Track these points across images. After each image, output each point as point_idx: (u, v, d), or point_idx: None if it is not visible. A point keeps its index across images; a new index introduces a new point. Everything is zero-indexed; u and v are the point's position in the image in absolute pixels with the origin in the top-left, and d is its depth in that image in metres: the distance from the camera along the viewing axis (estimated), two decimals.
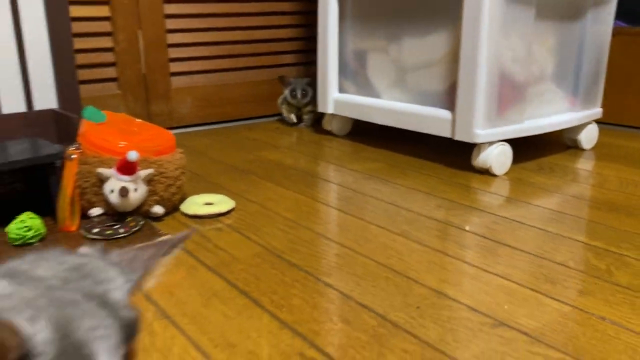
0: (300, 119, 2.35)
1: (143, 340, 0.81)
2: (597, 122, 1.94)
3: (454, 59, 1.64)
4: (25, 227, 1.12)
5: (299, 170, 1.72)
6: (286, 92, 2.29)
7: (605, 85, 1.91)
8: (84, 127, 1.29)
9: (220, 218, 1.32)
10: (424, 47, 1.74)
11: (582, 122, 1.86)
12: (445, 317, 0.89)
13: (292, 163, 1.81)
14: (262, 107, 2.47)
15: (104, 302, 0.30)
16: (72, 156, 1.21)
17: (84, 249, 0.35)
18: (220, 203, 1.37)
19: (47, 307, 0.27)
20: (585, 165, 1.76)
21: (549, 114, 1.77)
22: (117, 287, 0.31)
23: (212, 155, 1.89)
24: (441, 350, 0.80)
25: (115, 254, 0.35)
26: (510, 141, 1.65)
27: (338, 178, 1.66)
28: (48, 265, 0.31)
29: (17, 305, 0.27)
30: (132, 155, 1.16)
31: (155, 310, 0.91)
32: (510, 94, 1.63)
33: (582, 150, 1.92)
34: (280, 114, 2.41)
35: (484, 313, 0.89)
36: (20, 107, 1.53)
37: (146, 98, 2.18)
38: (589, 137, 1.92)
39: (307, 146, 2.04)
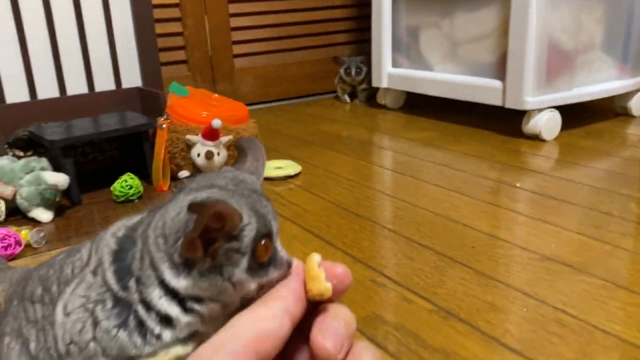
0: (355, 95, 2.47)
1: None
2: None
3: (504, 31, 1.72)
4: (128, 185, 1.30)
5: (357, 140, 1.85)
6: (341, 70, 2.41)
7: None
8: (171, 100, 1.47)
9: (290, 180, 1.47)
10: (475, 21, 1.83)
11: (632, 89, 1.91)
12: (498, 254, 1.01)
13: (350, 134, 1.94)
14: (319, 84, 2.61)
15: (264, 196, 0.40)
16: (163, 126, 1.38)
17: (227, 167, 0.47)
18: (289, 167, 1.52)
19: (239, 198, 0.38)
20: (634, 130, 1.82)
21: (598, 82, 1.83)
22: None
23: (275, 128, 2.05)
24: (495, 279, 0.92)
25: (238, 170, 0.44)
26: (560, 108, 1.73)
27: (394, 146, 1.78)
28: (220, 178, 0.40)
29: (226, 197, 0.38)
30: (217, 122, 1.32)
31: None
32: (559, 62, 1.71)
33: (632, 117, 1.97)
34: (335, 91, 2.54)
35: (532, 251, 1.01)
36: (110, 85, 1.72)
37: (212, 78, 2.35)
38: (639, 104, 1.97)
39: (363, 119, 2.16)
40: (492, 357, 0.72)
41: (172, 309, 0.37)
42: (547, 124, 1.70)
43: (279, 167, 1.53)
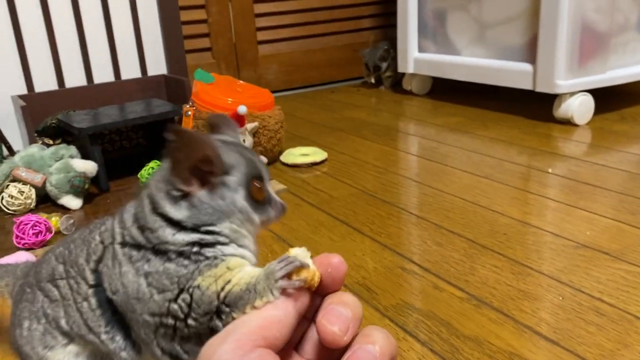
0: (380, 82, 2.44)
1: (266, 256, 0.97)
2: None
3: (534, 12, 1.67)
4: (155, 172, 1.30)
5: (383, 126, 1.83)
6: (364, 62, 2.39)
7: None
8: (196, 87, 1.46)
9: (316, 166, 1.46)
10: (504, 2, 1.78)
11: None
12: (530, 241, 0.98)
13: (376, 120, 1.92)
14: (343, 71, 2.58)
15: (250, 150, 0.46)
16: (189, 113, 1.38)
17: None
18: (315, 154, 1.51)
19: (224, 145, 0.43)
20: None
21: (633, 64, 1.77)
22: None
23: (300, 115, 2.03)
24: (528, 266, 0.90)
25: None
26: (592, 92, 1.68)
27: (421, 132, 1.75)
28: (229, 137, 0.47)
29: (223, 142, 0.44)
30: (242, 109, 1.31)
31: (272, 235, 1.06)
32: (592, 44, 1.65)
33: None
34: (360, 77, 2.51)
35: (567, 238, 0.98)
36: (136, 73, 1.72)
37: (236, 66, 2.34)
38: None
39: (388, 105, 2.14)
40: (527, 347, 0.70)
41: (191, 235, 0.41)
42: (579, 108, 1.66)
43: (305, 153, 1.52)
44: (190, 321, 0.40)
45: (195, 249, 0.42)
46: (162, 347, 0.43)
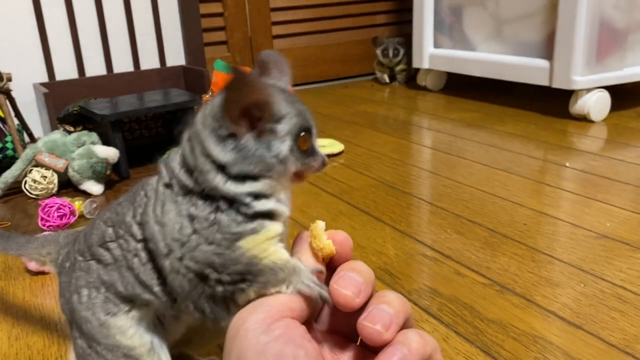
0: (393, 78, 2.45)
1: (289, 242, 0.98)
2: None
3: (552, 8, 1.68)
4: None
5: (398, 120, 1.84)
6: (378, 51, 2.38)
7: None
8: (216, 77, 1.47)
9: (333, 158, 1.47)
10: None
11: None
12: (550, 231, 0.99)
13: (391, 114, 1.92)
14: (357, 66, 2.59)
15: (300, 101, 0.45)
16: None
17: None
18: (332, 145, 1.52)
19: (278, 93, 0.43)
20: None
21: None
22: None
23: (315, 109, 2.04)
24: (549, 254, 0.90)
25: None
26: (609, 88, 1.68)
27: (436, 126, 1.76)
28: (282, 83, 0.46)
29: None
30: None
31: (293, 223, 1.07)
32: (610, 41, 1.65)
33: None
34: (373, 73, 2.52)
35: (587, 228, 0.99)
36: (155, 63, 1.74)
37: (252, 59, 2.36)
38: None
39: (403, 100, 2.14)
40: (551, 330, 0.71)
41: (240, 187, 0.41)
42: (595, 104, 1.66)
43: (322, 145, 1.53)
44: (225, 277, 0.41)
45: (247, 199, 0.41)
46: (195, 302, 0.43)
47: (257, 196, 0.42)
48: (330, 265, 0.41)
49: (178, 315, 0.49)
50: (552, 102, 1.87)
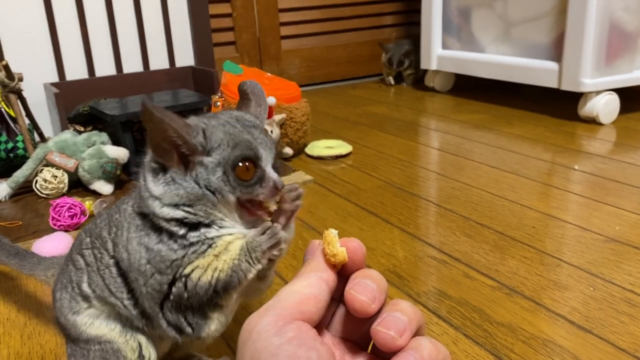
0: (401, 79, 2.45)
1: (296, 243, 0.98)
2: None
3: (561, 10, 1.67)
4: None
5: (406, 122, 1.84)
6: (384, 57, 2.39)
7: None
8: (225, 78, 1.48)
9: (341, 159, 1.47)
10: (531, 1, 1.78)
11: None
12: (559, 234, 0.99)
13: (399, 116, 1.93)
14: (364, 67, 2.59)
15: (261, 130, 0.47)
16: (217, 103, 1.40)
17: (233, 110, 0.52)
18: (340, 147, 1.52)
19: (219, 124, 0.45)
20: None
21: None
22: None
23: (322, 110, 2.05)
24: (558, 258, 0.90)
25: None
26: (618, 91, 1.67)
27: (444, 127, 1.76)
28: (224, 114, 0.48)
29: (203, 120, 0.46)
30: (271, 100, 1.33)
31: (301, 224, 1.07)
32: (619, 43, 1.65)
33: None
34: (380, 74, 2.52)
35: (595, 232, 0.99)
36: (164, 64, 1.75)
37: (259, 60, 2.36)
38: None
39: (411, 102, 2.14)
40: (560, 334, 0.71)
41: (175, 212, 0.44)
42: (604, 107, 1.65)
43: (330, 146, 1.53)
44: (191, 300, 0.45)
45: (182, 231, 0.44)
46: (168, 319, 0.47)
47: (196, 225, 0.45)
48: (343, 273, 0.42)
49: (161, 336, 0.52)
50: (561, 105, 1.87)
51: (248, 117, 0.47)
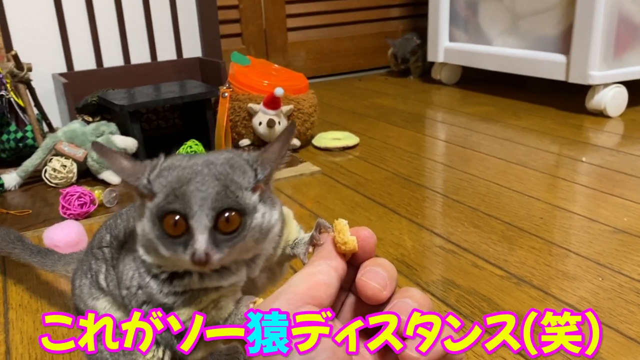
0: (408, 71, 2.44)
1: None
2: None
3: (570, 3, 1.67)
4: (193, 151, 1.33)
5: (413, 114, 1.84)
6: (390, 51, 2.38)
7: None
8: (233, 69, 1.48)
9: (348, 151, 1.47)
10: None
11: None
12: (567, 225, 0.99)
13: (405, 108, 1.92)
14: (371, 59, 2.59)
15: (224, 184, 0.40)
16: (225, 94, 1.40)
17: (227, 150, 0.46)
18: (347, 138, 1.52)
19: (173, 173, 0.40)
20: None
21: None
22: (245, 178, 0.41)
23: (328, 102, 2.05)
24: (566, 248, 0.91)
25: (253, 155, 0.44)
26: (626, 83, 1.67)
27: (451, 120, 1.76)
28: (195, 157, 0.42)
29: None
30: (279, 90, 1.33)
31: (309, 214, 1.08)
32: (628, 36, 1.64)
33: None
34: (387, 67, 2.52)
35: (603, 223, 0.99)
36: (172, 55, 1.75)
37: (266, 52, 2.36)
38: None
39: (417, 94, 2.14)
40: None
41: (147, 256, 0.43)
42: (612, 100, 1.65)
43: (337, 138, 1.53)
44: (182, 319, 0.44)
45: (163, 275, 0.43)
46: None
47: (180, 275, 0.43)
48: (353, 262, 0.42)
49: None
50: (568, 97, 1.86)
51: (220, 167, 0.40)
